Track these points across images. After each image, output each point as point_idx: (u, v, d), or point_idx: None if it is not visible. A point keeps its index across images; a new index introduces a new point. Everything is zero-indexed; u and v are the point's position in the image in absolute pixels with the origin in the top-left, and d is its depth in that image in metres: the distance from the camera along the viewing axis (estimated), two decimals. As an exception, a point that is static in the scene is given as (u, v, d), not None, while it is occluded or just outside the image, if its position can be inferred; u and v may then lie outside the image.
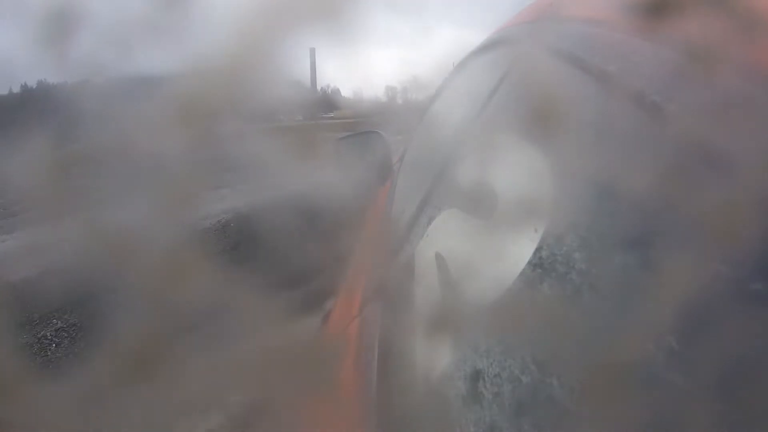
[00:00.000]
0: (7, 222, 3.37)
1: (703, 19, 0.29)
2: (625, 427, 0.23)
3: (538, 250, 0.36)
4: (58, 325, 2.22)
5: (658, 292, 0.23)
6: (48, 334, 2.16)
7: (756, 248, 0.21)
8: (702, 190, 0.24)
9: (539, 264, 0.36)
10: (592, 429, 0.25)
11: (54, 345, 2.11)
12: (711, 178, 0.25)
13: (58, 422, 0.27)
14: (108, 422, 0.28)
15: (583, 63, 0.41)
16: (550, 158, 0.40)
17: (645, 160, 0.30)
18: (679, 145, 0.27)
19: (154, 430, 0.29)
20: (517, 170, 0.44)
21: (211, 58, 0.31)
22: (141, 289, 0.29)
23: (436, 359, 0.43)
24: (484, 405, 0.34)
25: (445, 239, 0.56)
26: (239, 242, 3.23)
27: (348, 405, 0.50)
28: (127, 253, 0.29)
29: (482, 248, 0.44)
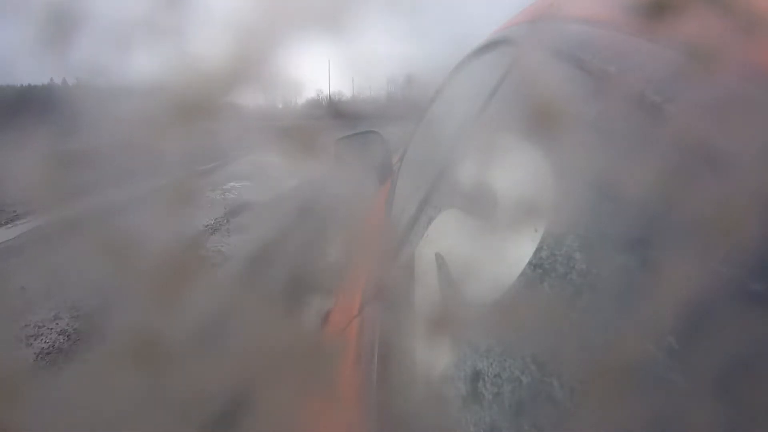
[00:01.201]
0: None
1: (703, 19, 0.29)
2: (625, 427, 0.23)
3: (538, 250, 0.36)
4: (59, 324, 2.22)
5: (659, 292, 0.23)
6: (48, 334, 2.16)
7: (756, 248, 0.21)
8: (702, 190, 0.24)
9: (539, 264, 0.36)
10: (592, 429, 0.25)
11: (54, 345, 2.11)
12: (711, 178, 0.25)
13: (59, 423, 0.27)
14: (109, 422, 0.28)
15: (583, 63, 0.41)
16: (550, 158, 0.40)
17: (645, 160, 0.30)
18: (679, 146, 0.27)
19: (155, 429, 0.29)
20: (517, 170, 0.44)
21: (209, 59, 0.31)
22: (142, 289, 0.29)
23: (436, 359, 0.43)
24: (484, 405, 0.34)
25: (445, 239, 0.56)
26: (239, 242, 3.23)
27: (348, 405, 0.50)
28: (128, 253, 0.29)
29: (482, 248, 0.44)
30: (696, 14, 0.30)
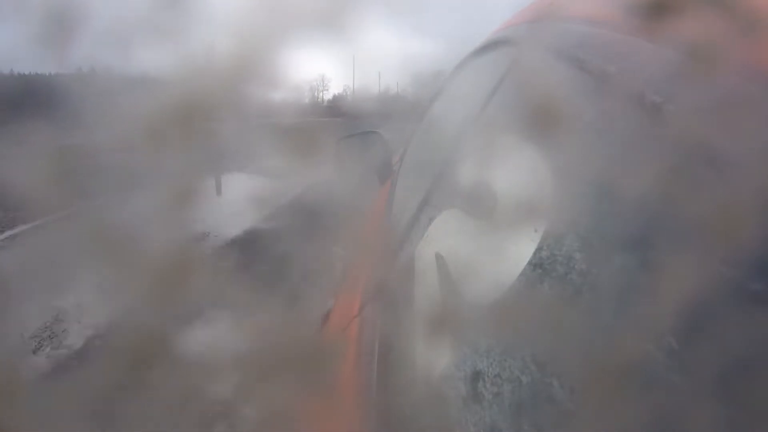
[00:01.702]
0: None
1: (703, 19, 0.29)
2: (624, 428, 0.23)
3: (538, 250, 0.36)
4: (58, 323, 2.22)
5: (658, 293, 0.23)
6: (47, 333, 2.16)
7: (756, 248, 0.21)
8: (702, 190, 0.24)
9: (539, 264, 0.36)
10: (592, 429, 0.25)
11: (53, 345, 2.11)
12: (711, 178, 0.25)
13: (59, 423, 0.27)
14: (109, 424, 0.28)
15: (583, 63, 0.41)
16: (550, 158, 0.40)
17: (645, 161, 0.30)
18: (679, 146, 0.27)
19: (154, 429, 0.29)
20: (517, 170, 0.44)
21: (210, 59, 0.31)
22: (141, 289, 0.29)
23: (436, 359, 0.43)
24: (484, 405, 0.34)
25: (445, 239, 0.56)
26: (240, 242, 3.23)
27: (348, 405, 0.50)
28: (128, 251, 0.29)
29: (482, 248, 0.44)
30: (696, 14, 0.30)
